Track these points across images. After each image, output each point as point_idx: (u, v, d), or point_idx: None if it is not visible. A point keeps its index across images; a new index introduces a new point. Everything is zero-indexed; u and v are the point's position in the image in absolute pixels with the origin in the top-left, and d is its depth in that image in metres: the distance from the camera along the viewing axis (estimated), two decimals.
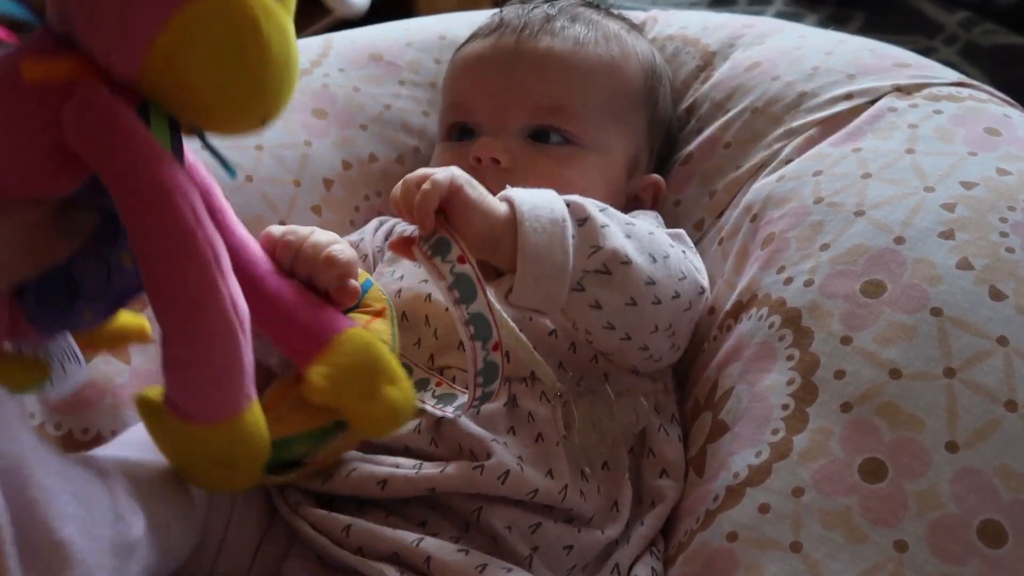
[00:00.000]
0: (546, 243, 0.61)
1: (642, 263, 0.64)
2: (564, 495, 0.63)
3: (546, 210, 0.62)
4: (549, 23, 0.82)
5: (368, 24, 1.05)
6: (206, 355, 0.47)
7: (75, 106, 0.41)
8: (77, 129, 0.41)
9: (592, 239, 0.63)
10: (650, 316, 0.66)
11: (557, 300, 0.62)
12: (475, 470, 0.62)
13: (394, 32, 1.02)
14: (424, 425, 0.66)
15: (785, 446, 0.61)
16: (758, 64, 0.88)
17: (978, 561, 0.54)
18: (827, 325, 0.65)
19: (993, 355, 0.60)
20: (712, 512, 0.62)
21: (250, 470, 0.52)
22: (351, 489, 0.63)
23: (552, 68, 0.79)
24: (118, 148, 0.41)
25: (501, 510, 0.62)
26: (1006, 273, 0.63)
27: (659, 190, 0.84)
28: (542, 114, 0.77)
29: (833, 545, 0.56)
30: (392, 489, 0.62)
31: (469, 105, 0.81)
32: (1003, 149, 0.72)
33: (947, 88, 0.79)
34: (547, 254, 0.61)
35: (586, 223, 0.63)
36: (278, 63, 0.44)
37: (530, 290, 0.61)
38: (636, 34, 0.88)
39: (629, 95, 0.82)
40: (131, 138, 0.42)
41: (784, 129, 0.81)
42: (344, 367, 0.55)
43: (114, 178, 0.42)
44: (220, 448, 0.49)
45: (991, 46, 1.32)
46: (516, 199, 0.62)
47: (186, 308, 0.45)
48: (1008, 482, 0.56)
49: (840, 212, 0.70)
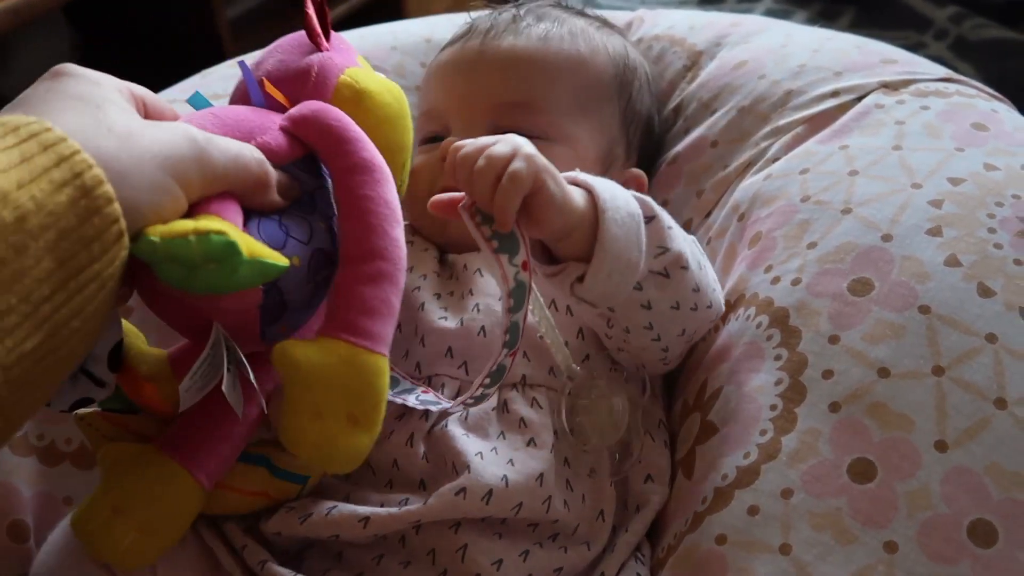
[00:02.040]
0: (624, 237, 0.59)
1: (694, 269, 0.64)
2: (548, 505, 0.62)
3: (623, 201, 0.60)
4: (515, 23, 0.82)
5: (355, 27, 1.05)
6: (393, 290, 0.55)
7: (302, 105, 0.59)
8: (303, 117, 0.58)
9: (660, 239, 0.62)
10: (685, 321, 0.66)
11: (620, 295, 0.62)
12: (457, 496, 0.60)
13: (379, 35, 1.02)
14: (417, 437, 0.65)
15: (774, 447, 0.61)
16: (745, 63, 0.87)
17: (969, 561, 0.54)
18: (815, 324, 0.64)
19: (982, 352, 0.59)
20: (701, 514, 0.61)
21: (372, 430, 0.54)
22: (331, 530, 0.61)
23: (514, 66, 0.79)
24: (339, 126, 0.57)
25: (487, 545, 0.61)
26: (994, 270, 0.62)
27: (641, 185, 0.83)
28: (505, 111, 0.77)
29: (823, 547, 0.56)
30: (374, 527, 0.60)
31: (438, 110, 0.81)
32: (991, 144, 0.71)
33: (934, 84, 0.79)
34: (625, 250, 0.59)
35: (653, 222, 0.62)
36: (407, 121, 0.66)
37: (601, 283, 0.60)
38: (608, 31, 0.88)
39: (597, 88, 0.81)
40: (349, 122, 0.58)
41: (771, 127, 0.81)
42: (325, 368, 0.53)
43: (333, 150, 0.57)
44: (371, 384, 0.53)
45: (981, 41, 1.31)
46: (596, 189, 0.60)
47: (388, 248, 0.55)
48: (999, 481, 0.55)
49: (827, 210, 0.70)
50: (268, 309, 0.53)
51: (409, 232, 0.78)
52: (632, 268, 0.60)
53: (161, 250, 0.46)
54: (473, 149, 0.57)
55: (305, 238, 0.55)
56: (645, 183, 0.83)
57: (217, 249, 0.46)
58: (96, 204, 0.43)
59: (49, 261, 0.41)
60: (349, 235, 0.55)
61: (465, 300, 0.71)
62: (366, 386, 0.53)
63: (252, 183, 0.52)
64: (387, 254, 0.55)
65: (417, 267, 0.74)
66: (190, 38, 1.92)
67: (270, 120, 0.58)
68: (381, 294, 0.54)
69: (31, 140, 0.42)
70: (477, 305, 0.70)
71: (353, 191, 0.56)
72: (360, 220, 0.55)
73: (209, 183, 0.50)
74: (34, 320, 0.41)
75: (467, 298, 0.71)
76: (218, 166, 0.50)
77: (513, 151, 0.57)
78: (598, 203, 0.59)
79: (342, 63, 0.63)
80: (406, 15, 2.28)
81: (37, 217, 0.41)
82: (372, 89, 0.62)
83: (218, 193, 0.51)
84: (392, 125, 0.63)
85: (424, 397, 0.66)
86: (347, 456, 0.53)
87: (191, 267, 0.46)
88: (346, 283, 0.54)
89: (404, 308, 0.70)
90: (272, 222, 0.54)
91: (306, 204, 0.58)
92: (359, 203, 0.55)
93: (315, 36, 0.63)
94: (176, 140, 0.48)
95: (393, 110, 0.63)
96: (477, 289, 0.71)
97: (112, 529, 0.55)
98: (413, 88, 0.97)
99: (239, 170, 0.51)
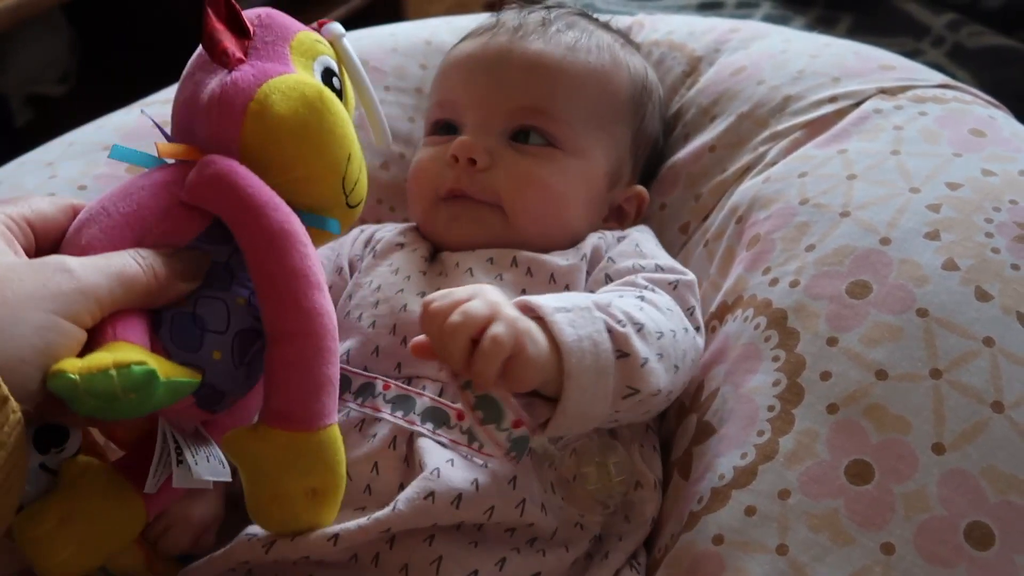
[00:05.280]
0: (589, 400, 0.58)
1: (666, 384, 0.63)
2: (522, 509, 0.61)
3: (591, 353, 0.57)
4: (544, 27, 0.81)
5: (354, 29, 1.05)
6: (318, 363, 0.53)
7: (199, 168, 0.53)
8: (200, 185, 0.53)
9: (630, 378, 0.59)
10: (655, 412, 0.67)
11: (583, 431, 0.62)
12: (426, 500, 0.59)
13: (379, 37, 1.02)
14: (400, 440, 0.64)
15: (771, 448, 0.61)
16: (743, 68, 0.88)
17: (966, 563, 0.54)
18: (813, 326, 0.64)
19: (979, 356, 0.60)
20: (697, 514, 0.61)
21: (335, 494, 0.56)
22: (299, 553, 0.58)
23: (540, 71, 0.78)
24: (241, 193, 0.53)
25: (462, 554, 0.60)
26: (992, 274, 0.63)
27: (643, 201, 0.83)
28: (524, 114, 0.77)
29: (820, 548, 0.56)
30: (345, 542, 0.58)
31: (456, 102, 0.80)
32: (988, 150, 0.72)
33: (932, 90, 0.79)
34: (588, 409, 0.58)
35: (627, 359, 0.59)
36: (335, 133, 0.57)
37: (562, 430, 0.60)
38: (631, 49, 0.87)
39: (615, 106, 0.81)
40: (252, 184, 0.53)
41: (769, 132, 0.81)
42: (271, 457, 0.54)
43: (235, 219, 0.53)
44: (319, 458, 0.54)
45: (978, 48, 1.32)
46: (565, 347, 0.56)
47: (302, 323, 0.53)
48: (995, 484, 0.56)
49: (826, 213, 0.70)
50: (204, 401, 0.53)
51: (400, 233, 0.79)
52: (595, 419, 0.59)
53: (82, 387, 0.45)
54: (448, 304, 0.54)
55: (223, 326, 0.53)
56: (646, 199, 0.84)
57: (139, 380, 0.46)
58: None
59: None
60: (266, 313, 0.53)
61: None
62: (315, 463, 0.54)
63: (146, 295, 0.50)
64: (307, 329, 0.53)
65: (402, 268, 0.74)
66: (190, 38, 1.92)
67: (168, 195, 0.54)
68: (312, 372, 0.53)
69: None
70: None
71: (262, 267, 0.53)
72: (273, 299, 0.53)
73: (100, 309, 0.48)
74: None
75: None
76: (102, 291, 0.48)
77: (491, 313, 0.54)
78: (564, 365, 0.56)
79: (256, 79, 0.55)
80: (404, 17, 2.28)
81: None
82: (282, 113, 0.54)
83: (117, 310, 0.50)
84: (317, 146, 0.56)
85: (391, 394, 0.66)
86: (314, 525, 0.57)
87: (110, 400, 0.46)
88: (273, 367, 0.54)
89: (384, 310, 0.70)
90: (186, 318, 0.52)
91: (222, 277, 0.54)
92: (269, 280, 0.53)
93: (217, 52, 0.55)
94: (52, 277, 0.47)
95: (312, 129, 0.56)
96: None
97: (55, 538, 0.53)
98: (412, 90, 0.98)
99: (126, 288, 0.50)
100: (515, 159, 0.76)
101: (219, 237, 0.54)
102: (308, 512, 0.56)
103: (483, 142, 0.76)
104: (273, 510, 0.55)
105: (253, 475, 0.54)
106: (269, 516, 0.56)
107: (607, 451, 0.64)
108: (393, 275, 0.73)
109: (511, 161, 0.75)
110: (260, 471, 0.54)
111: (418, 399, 0.65)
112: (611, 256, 0.73)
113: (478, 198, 0.75)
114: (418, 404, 0.65)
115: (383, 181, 0.92)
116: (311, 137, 0.56)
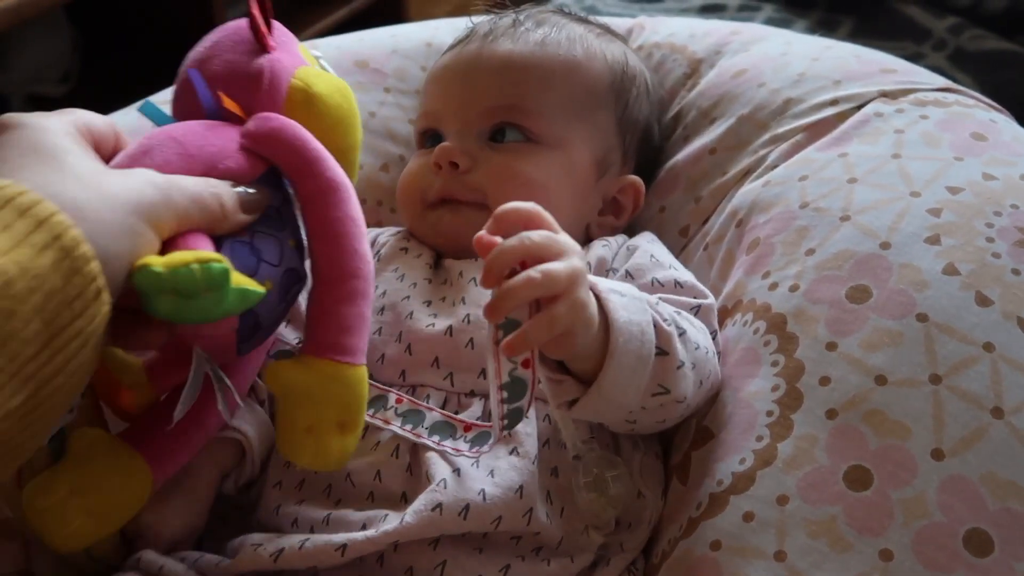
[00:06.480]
0: (624, 384, 0.59)
1: (692, 395, 0.63)
2: (530, 517, 0.61)
3: (636, 341, 0.58)
4: (514, 28, 0.82)
5: (355, 30, 1.05)
6: (366, 303, 0.59)
7: (261, 120, 0.59)
8: (264, 134, 0.58)
9: (664, 378, 0.61)
10: (670, 422, 0.67)
11: (604, 420, 0.63)
12: (434, 511, 0.59)
13: (380, 39, 1.02)
14: (403, 448, 0.64)
15: (770, 453, 0.61)
16: (744, 71, 0.88)
17: (965, 570, 0.53)
18: (812, 331, 0.64)
19: (979, 361, 0.59)
20: (695, 520, 0.61)
21: (357, 431, 0.60)
22: (307, 562, 0.59)
23: (509, 69, 0.79)
24: (302, 144, 0.59)
25: (466, 560, 0.60)
26: (992, 279, 0.63)
27: (638, 193, 0.83)
28: (498, 113, 0.77)
29: (818, 555, 0.56)
30: (353, 553, 0.59)
31: (437, 112, 0.81)
32: (989, 154, 0.71)
33: (933, 93, 0.79)
34: (621, 394, 0.59)
35: (665, 358, 0.60)
36: (355, 119, 0.66)
37: (589, 413, 0.60)
38: (609, 38, 0.87)
39: (593, 94, 0.81)
40: (311, 139, 0.59)
41: (770, 135, 0.81)
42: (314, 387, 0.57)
43: (296, 168, 0.59)
44: (355, 392, 0.59)
45: (980, 51, 1.32)
46: (616, 324, 0.58)
47: (357, 264, 0.58)
48: (995, 490, 0.55)
49: (826, 217, 0.70)
50: (243, 331, 0.55)
51: (403, 238, 0.79)
52: (623, 408, 0.60)
53: (166, 280, 0.48)
54: (541, 240, 0.55)
55: (276, 260, 0.57)
56: (642, 190, 0.83)
57: (218, 277, 0.49)
58: (76, 264, 0.44)
59: (37, 322, 0.43)
60: (321, 256, 0.59)
61: (456, 308, 0.70)
62: (352, 396, 0.59)
63: (212, 220, 0.54)
64: (359, 272, 0.59)
65: (408, 275, 0.74)
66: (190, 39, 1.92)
67: (228, 138, 0.59)
68: (356, 311, 0.58)
69: (8, 206, 0.44)
70: (468, 316, 0.69)
71: (322, 213, 0.59)
72: (332, 242, 0.58)
73: (176, 223, 0.52)
74: (20, 379, 0.43)
75: (458, 306, 0.70)
76: (180, 208, 0.52)
77: (567, 287, 0.54)
78: (610, 344, 0.58)
79: (291, 64, 0.63)
80: (407, 19, 2.28)
81: (23, 281, 0.42)
82: (322, 92, 0.63)
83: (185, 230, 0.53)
84: (344, 127, 0.64)
85: (402, 408, 0.66)
86: (340, 458, 0.59)
87: (188, 296, 0.48)
88: (323, 303, 0.58)
89: (390, 317, 0.70)
90: (243, 246, 0.56)
91: (274, 219, 0.59)
92: (329, 225, 0.58)
93: (262, 36, 0.62)
94: (142, 186, 0.51)
95: (343, 111, 0.64)
96: (470, 299, 0.70)
97: (66, 509, 0.55)
98: (413, 92, 0.97)
99: (200, 210, 0.53)
100: (495, 157, 0.76)
101: (272, 183, 0.59)
102: (338, 445, 0.59)
103: (463, 146, 0.76)
104: (308, 442, 0.57)
105: (293, 405, 0.57)
106: (303, 448, 0.58)
107: (607, 465, 0.64)
108: (399, 281, 0.74)
109: (491, 160, 0.76)
110: (300, 401, 0.57)
111: (428, 413, 0.65)
112: (628, 270, 0.72)
113: (465, 199, 0.76)
114: (428, 418, 0.65)
115: (383, 183, 0.92)
116: (344, 117, 0.64)
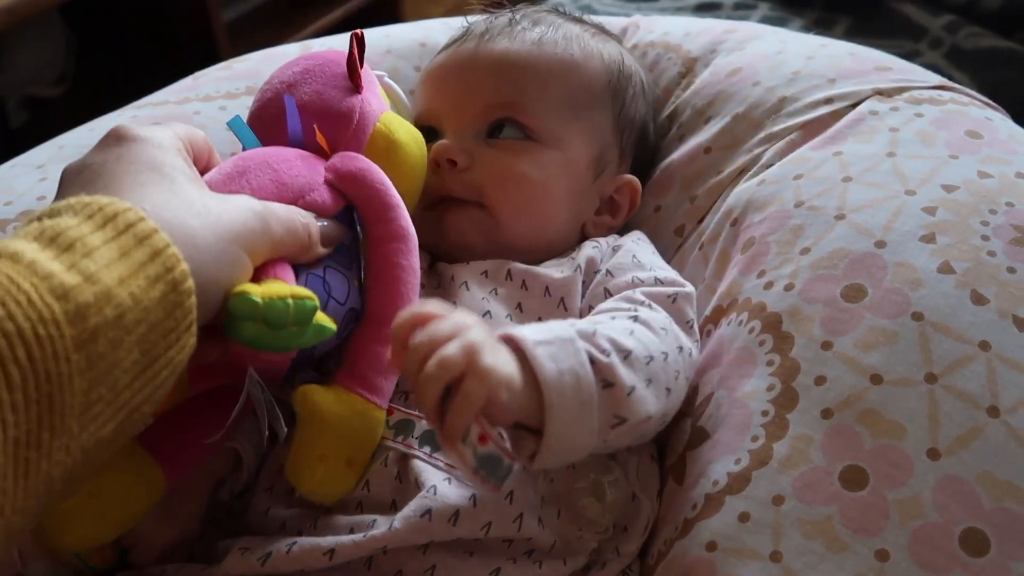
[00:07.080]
0: (573, 433, 0.56)
1: (658, 409, 0.61)
2: (520, 523, 0.60)
3: (572, 389, 0.56)
4: (510, 27, 0.82)
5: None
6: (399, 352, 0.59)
7: (347, 159, 0.63)
8: (349, 174, 0.62)
9: (617, 408, 0.58)
10: (647, 436, 0.66)
11: (574, 459, 0.61)
12: (423, 518, 0.58)
13: (374, 38, 1.01)
14: (391, 458, 0.63)
15: (765, 453, 0.60)
16: (739, 70, 0.87)
17: (960, 570, 0.53)
18: (807, 330, 0.64)
19: (975, 360, 0.59)
20: (691, 520, 0.61)
21: (360, 472, 0.61)
22: (294, 566, 0.59)
23: (506, 68, 0.79)
24: (383, 190, 0.63)
25: (456, 564, 0.60)
26: (988, 277, 0.62)
27: (634, 191, 0.83)
28: (496, 110, 0.77)
29: (814, 555, 0.55)
30: (341, 557, 0.58)
31: (433, 111, 0.81)
32: (984, 152, 0.71)
33: (928, 91, 0.79)
34: (573, 441, 0.57)
35: (613, 389, 0.58)
36: (424, 168, 0.71)
37: (549, 463, 0.58)
38: (605, 37, 0.87)
39: (589, 93, 0.81)
40: (390, 185, 0.63)
41: (765, 134, 0.80)
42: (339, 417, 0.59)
43: (375, 212, 0.62)
44: (371, 433, 0.61)
45: (976, 49, 1.32)
46: (545, 383, 0.55)
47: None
48: (991, 490, 0.55)
49: (821, 216, 0.69)
50: (298, 361, 0.57)
51: None
52: (584, 449, 0.58)
53: (260, 310, 0.50)
54: (426, 343, 0.53)
55: (343, 297, 0.60)
56: (638, 189, 0.83)
57: (307, 313, 0.51)
58: (180, 298, 0.46)
59: (136, 352, 0.44)
60: (377, 297, 0.61)
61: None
62: (368, 437, 0.61)
63: (300, 250, 0.57)
64: None
65: None
66: (186, 40, 1.92)
67: (316, 171, 0.62)
68: None
69: (127, 232, 0.44)
70: None
71: (389, 258, 0.62)
72: (389, 286, 0.61)
73: (269, 252, 0.54)
74: (114, 407, 0.43)
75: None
76: (276, 237, 0.54)
77: (467, 361, 0.52)
78: (544, 401, 0.55)
79: (378, 107, 0.67)
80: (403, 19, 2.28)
81: (133, 312, 0.43)
82: (403, 140, 0.67)
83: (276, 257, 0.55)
84: (414, 175, 0.69)
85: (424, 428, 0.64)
86: (341, 492, 0.61)
87: (275, 327, 0.50)
88: (366, 340, 0.61)
89: None
90: (317, 279, 0.58)
91: (344, 256, 0.62)
92: (392, 271, 0.62)
93: (356, 77, 0.66)
94: (245, 216, 0.52)
95: (416, 160, 0.69)
96: (461, 303, 0.70)
97: (83, 512, 0.56)
98: (406, 92, 0.97)
99: (292, 238, 0.56)
100: (492, 155, 0.76)
101: (346, 220, 0.62)
102: (343, 478, 0.60)
103: (460, 143, 0.76)
104: (318, 469, 0.59)
105: (314, 431, 0.59)
106: (312, 473, 0.59)
107: (603, 470, 0.63)
108: None
109: (489, 157, 0.76)
110: (322, 428, 0.59)
111: (417, 423, 0.65)
112: (609, 269, 0.72)
113: (463, 197, 0.75)
114: (417, 427, 0.65)
115: None
116: (416, 166, 0.69)
